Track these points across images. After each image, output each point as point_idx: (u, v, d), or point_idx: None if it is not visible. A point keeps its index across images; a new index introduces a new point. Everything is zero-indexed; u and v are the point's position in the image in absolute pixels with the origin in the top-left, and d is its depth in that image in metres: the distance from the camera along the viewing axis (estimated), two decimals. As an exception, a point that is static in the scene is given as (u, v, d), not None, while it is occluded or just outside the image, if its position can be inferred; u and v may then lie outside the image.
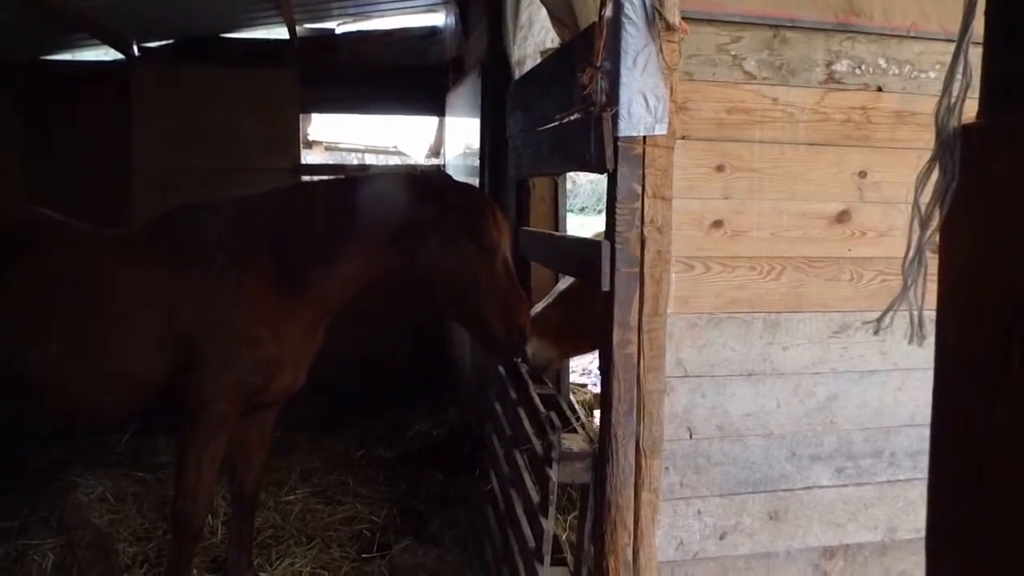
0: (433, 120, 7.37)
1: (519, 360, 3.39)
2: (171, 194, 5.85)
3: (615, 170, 2.46)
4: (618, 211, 2.47)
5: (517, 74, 4.00)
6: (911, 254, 1.19)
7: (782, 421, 2.77)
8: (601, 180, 2.53)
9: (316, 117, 7.56)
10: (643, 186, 2.48)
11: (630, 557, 2.65)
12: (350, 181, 3.59)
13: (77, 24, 5.31)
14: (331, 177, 4.21)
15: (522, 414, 3.23)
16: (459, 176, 6.08)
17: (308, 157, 7.04)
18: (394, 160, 7.91)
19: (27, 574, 3.85)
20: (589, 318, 3.71)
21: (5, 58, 6.18)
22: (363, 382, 6.10)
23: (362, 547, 4.19)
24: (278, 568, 3.96)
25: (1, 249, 3.38)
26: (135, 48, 6.41)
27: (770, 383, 2.74)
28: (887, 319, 1.27)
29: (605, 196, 2.60)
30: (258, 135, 6.26)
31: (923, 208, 1.15)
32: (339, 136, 8.47)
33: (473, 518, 4.28)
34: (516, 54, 4.00)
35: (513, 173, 3.85)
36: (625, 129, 2.44)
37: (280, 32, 6.58)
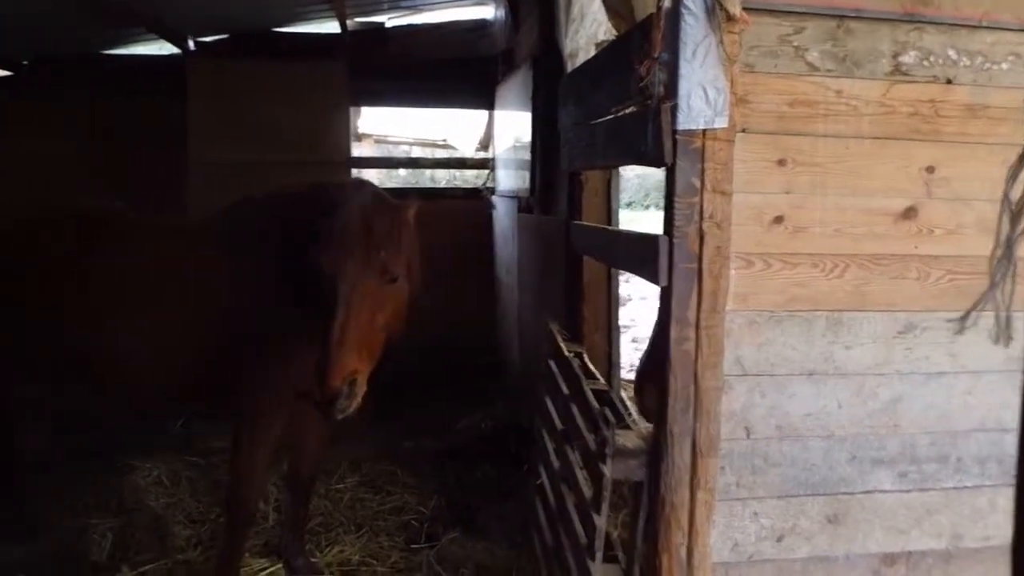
0: (482, 113, 7.36)
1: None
2: (224, 185, 5.92)
3: (673, 164, 2.42)
4: (676, 206, 2.43)
5: (569, 67, 3.96)
6: (999, 252, 1.14)
7: (843, 422, 2.70)
8: (649, 174, 2.52)
9: (366, 110, 7.60)
10: (702, 180, 2.43)
11: (684, 556, 2.61)
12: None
13: (137, 19, 5.41)
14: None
15: (574, 409, 3.21)
16: (510, 169, 6.15)
17: (357, 150, 7.07)
18: (442, 153, 7.92)
19: (88, 551, 3.96)
20: None
21: (70, 51, 6.33)
22: (413, 373, 6.10)
23: (410, 537, 4.22)
24: (328, 554, 4.00)
25: (73, 239, 3.48)
26: (191, 43, 6.51)
27: (832, 383, 2.68)
28: (971, 318, 1.22)
29: (652, 191, 2.57)
30: (309, 128, 6.31)
31: (1014, 204, 1.10)
32: (388, 129, 8.55)
33: (522, 512, 4.26)
34: (568, 47, 3.96)
35: (566, 166, 3.82)
36: (684, 122, 2.39)
37: (331, 26, 6.62)
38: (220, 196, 5.32)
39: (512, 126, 5.76)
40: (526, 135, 4.98)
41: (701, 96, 2.40)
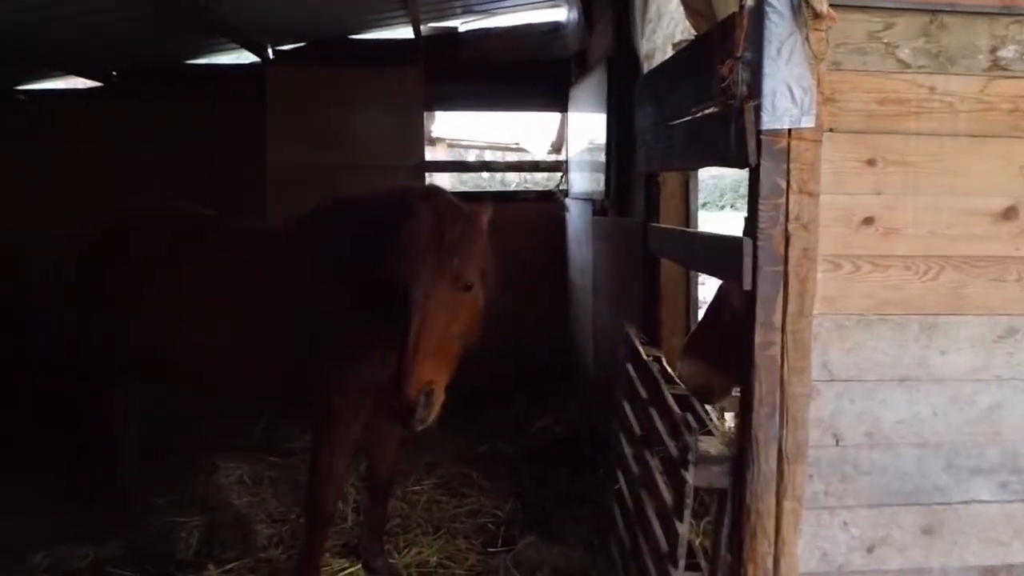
0: (555, 116, 7.35)
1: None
2: (301, 190, 6.05)
3: (758, 164, 2.37)
4: (761, 207, 2.38)
5: (646, 68, 3.93)
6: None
7: (938, 430, 2.60)
8: (724, 175, 2.46)
9: (439, 114, 7.67)
10: (788, 181, 2.38)
11: (770, 567, 2.56)
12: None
13: (219, 30, 5.57)
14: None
15: (654, 414, 3.17)
16: (584, 172, 6.11)
17: (430, 154, 7.14)
18: (514, 156, 7.93)
19: (174, 548, 4.08)
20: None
21: (154, 64, 6.57)
22: (488, 376, 6.13)
23: (486, 540, 4.23)
24: (406, 556, 4.04)
25: (163, 243, 3.61)
26: (269, 51, 6.67)
27: (925, 389, 2.58)
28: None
29: (727, 192, 2.51)
30: (384, 132, 6.41)
31: None
32: (461, 133, 8.59)
33: (598, 516, 4.24)
34: (644, 47, 3.92)
35: (643, 168, 3.78)
36: (769, 122, 2.34)
37: (405, 31, 6.71)
38: (296, 199, 5.45)
39: (586, 128, 5.74)
40: (601, 137, 4.95)
41: (786, 95, 2.35)
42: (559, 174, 6.96)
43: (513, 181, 10.61)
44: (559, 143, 7.31)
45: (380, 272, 3.19)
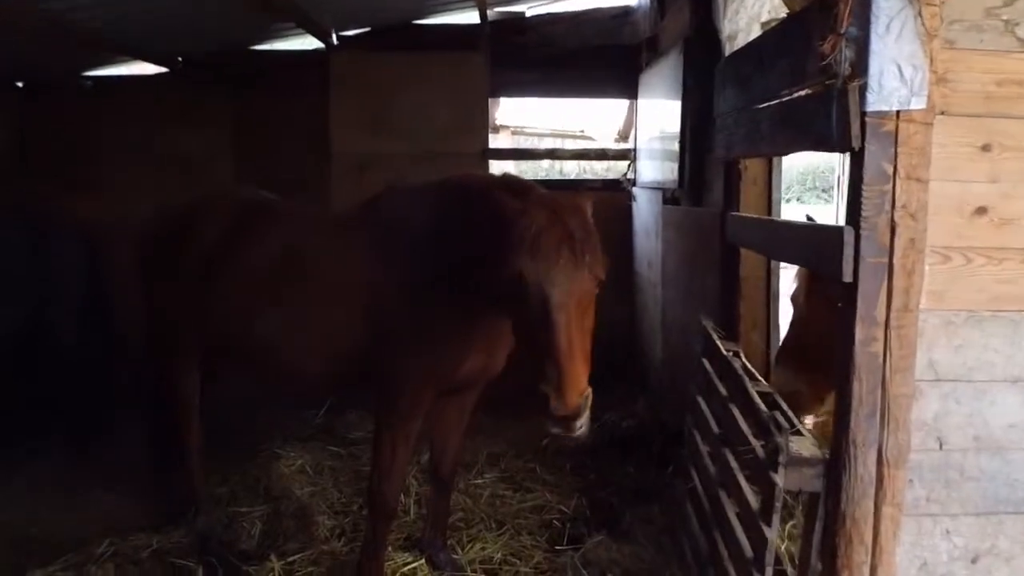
0: (622, 103, 7.18)
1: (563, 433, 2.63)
2: (365, 176, 6.04)
3: (862, 148, 2.21)
4: (865, 194, 2.22)
5: (728, 49, 3.76)
6: None
7: (1053, 435, 2.43)
8: (791, 165, 2.28)
9: (503, 102, 7.55)
10: (895, 166, 2.22)
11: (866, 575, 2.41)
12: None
13: (284, 15, 5.54)
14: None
15: (735, 412, 3.02)
16: (654, 160, 5.95)
17: (494, 142, 7.03)
18: (580, 144, 7.78)
19: (237, 538, 4.06)
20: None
21: (220, 49, 6.59)
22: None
23: (552, 537, 4.13)
24: (470, 551, 3.96)
25: (231, 227, 3.58)
26: (334, 36, 6.62)
27: (1040, 391, 2.41)
28: None
29: (794, 184, 2.34)
30: (448, 119, 6.32)
31: None
32: (525, 121, 8.46)
33: (669, 515, 4.11)
34: (727, 28, 3.76)
35: (722, 154, 3.62)
36: (875, 103, 2.19)
37: (471, 16, 6.60)
38: (360, 187, 5.41)
39: (657, 115, 5.57)
40: (674, 123, 4.79)
41: (895, 74, 2.19)
42: (625, 163, 6.80)
43: (573, 171, 10.46)
44: (626, 131, 7.15)
45: (456, 258, 3.12)
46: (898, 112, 2.19)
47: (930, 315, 2.34)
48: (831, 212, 6.61)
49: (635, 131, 6.71)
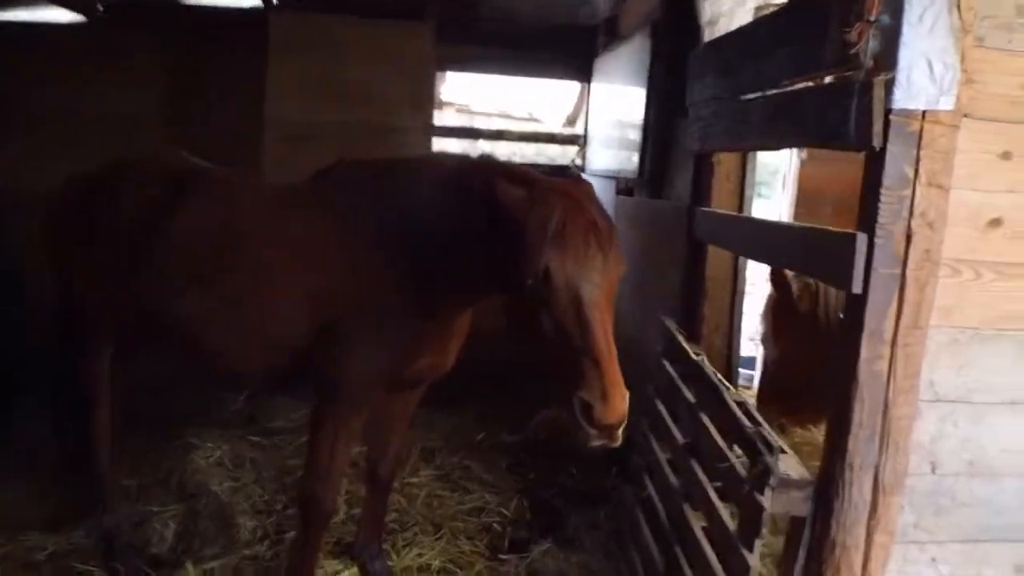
0: (572, 86, 6.93)
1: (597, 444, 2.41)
2: (302, 147, 5.64)
3: (883, 149, 2.03)
4: (883, 198, 2.05)
5: (708, 35, 3.56)
6: None
7: (1045, 461, 2.32)
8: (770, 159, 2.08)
9: (449, 77, 7.20)
10: (916, 170, 2.05)
11: (853, 607, 2.25)
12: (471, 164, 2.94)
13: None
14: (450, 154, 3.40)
15: (705, 421, 2.83)
16: (609, 148, 5.74)
17: (440, 119, 6.69)
18: (528, 127, 7.51)
19: (148, 541, 3.68)
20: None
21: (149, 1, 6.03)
22: (487, 358, 5.73)
23: (492, 542, 3.90)
24: (405, 558, 3.69)
25: (157, 193, 3.17)
26: (275, -6, 6.15)
27: (1038, 416, 2.29)
28: None
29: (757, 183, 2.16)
30: (392, 91, 5.94)
31: None
32: (471, 99, 8.12)
33: (615, 521, 3.93)
34: (708, 12, 3.55)
35: (695, 147, 3.43)
36: (901, 100, 2.01)
37: (422, -16, 6.22)
38: (295, 159, 5.01)
39: (615, 101, 5.35)
40: (635, 110, 4.57)
41: (925, 70, 2.01)
42: (574, 148, 6.58)
43: (514, 154, 10.12)
44: (575, 115, 6.91)
45: (425, 245, 2.83)
46: (924, 112, 2.02)
47: (935, 332, 2.18)
48: (769, 208, 6.52)
49: (586, 116, 6.48)
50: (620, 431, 2.35)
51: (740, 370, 3.98)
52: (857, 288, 2.09)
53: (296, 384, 3.61)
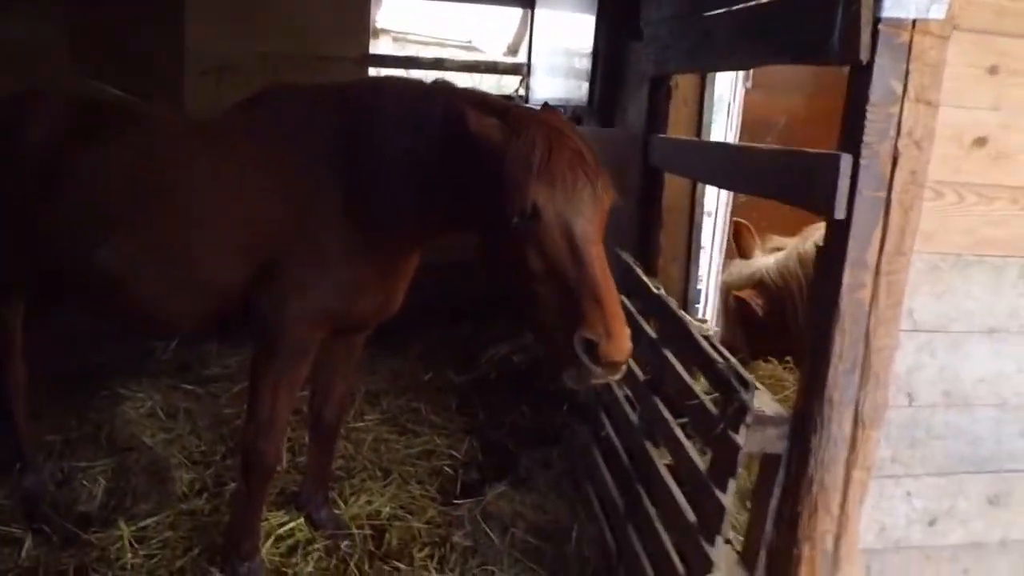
0: (514, 12, 6.61)
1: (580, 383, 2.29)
2: (226, 79, 5.27)
3: (870, 62, 1.89)
4: (869, 115, 1.91)
5: (664, -51, 3.35)
6: None
7: (1021, 389, 2.27)
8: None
9: (384, 3, 6.80)
10: (905, 85, 1.91)
11: (830, 546, 2.19)
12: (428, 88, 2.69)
13: None
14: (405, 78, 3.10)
15: (670, 357, 2.72)
16: (555, 76, 5.48)
17: (375, 47, 6.33)
18: (467, 56, 7.17)
19: (76, 500, 3.43)
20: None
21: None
22: (432, 294, 5.47)
23: (443, 485, 3.76)
24: (354, 505, 3.52)
25: (67, 131, 2.84)
26: (193, -93, 5.64)
27: (1014, 343, 2.24)
28: None
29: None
30: (323, 18, 5.56)
31: None
32: (408, 26, 7.68)
33: (568, 459, 3.84)
34: (663, -75, 3.33)
35: (652, 70, 3.25)
36: (891, 8, 1.86)
37: (352, -103, 5.79)
38: (219, 93, 4.65)
39: (561, 27, 5.09)
40: (584, 37, 4.35)
41: (915, -25, 1.86)
42: (517, 78, 6.31)
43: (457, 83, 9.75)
44: (517, 43, 6.63)
45: (372, 175, 2.61)
46: (914, 21, 1.88)
47: (916, 259, 2.08)
48: (714, 137, 6.39)
49: (529, 44, 6.20)
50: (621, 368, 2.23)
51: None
52: (840, 213, 1.96)
53: (232, 329, 3.37)
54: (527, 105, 5.90)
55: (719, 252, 4.05)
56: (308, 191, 2.65)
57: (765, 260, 3.83)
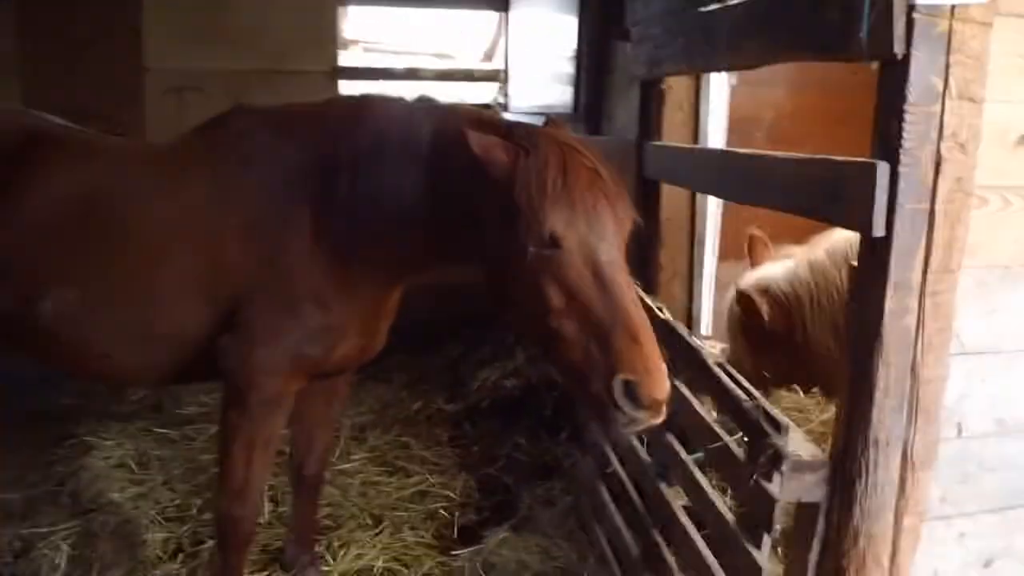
0: (488, 17, 6.35)
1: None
2: (189, 99, 4.99)
3: (907, 55, 1.64)
4: (907, 117, 1.67)
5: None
6: None
7: (1081, 413, 2.03)
8: None
9: (353, 12, 6.51)
10: (946, 81, 1.67)
11: (880, 602, 1.94)
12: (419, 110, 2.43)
13: None
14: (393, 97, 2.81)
15: (684, 392, 2.46)
16: (534, 83, 5.20)
17: (344, 59, 6.05)
18: (441, 65, 6.90)
19: (36, 572, 3.13)
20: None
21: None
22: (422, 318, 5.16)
23: (439, 531, 3.49)
24: (342, 561, 3.23)
25: (7, 166, 2.55)
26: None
27: (1073, 362, 1.99)
28: None
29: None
30: (290, 31, 5.29)
31: None
32: (379, 36, 7.40)
33: (571, 493, 3.58)
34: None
35: (643, 72, 3.00)
36: (928, -7, 1.61)
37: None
38: (180, 113, 4.36)
39: (541, 30, 4.84)
40: (566, 41, 4.11)
41: (954, -47, 1.61)
42: (495, 85, 6.05)
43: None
44: (493, 50, 6.37)
45: (353, 205, 2.36)
46: (953, 7, 1.63)
47: (963, 275, 1.83)
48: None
49: (506, 49, 5.95)
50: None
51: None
52: (879, 230, 1.71)
53: (200, 381, 3.09)
54: (505, 114, 5.69)
55: (712, 254, 3.82)
56: (278, 226, 2.39)
57: (772, 268, 3.59)
